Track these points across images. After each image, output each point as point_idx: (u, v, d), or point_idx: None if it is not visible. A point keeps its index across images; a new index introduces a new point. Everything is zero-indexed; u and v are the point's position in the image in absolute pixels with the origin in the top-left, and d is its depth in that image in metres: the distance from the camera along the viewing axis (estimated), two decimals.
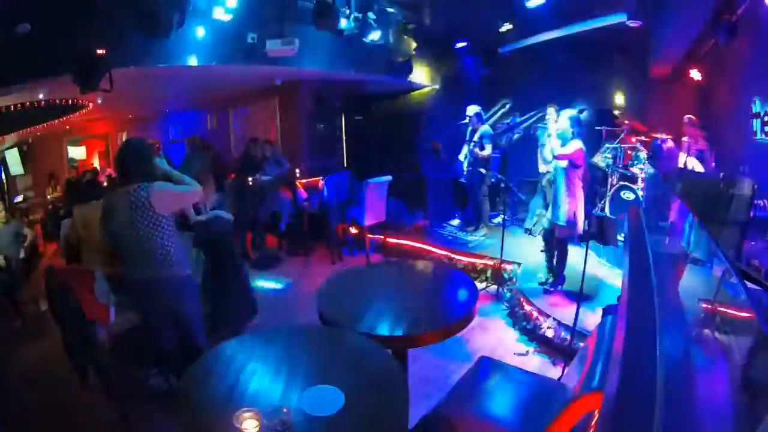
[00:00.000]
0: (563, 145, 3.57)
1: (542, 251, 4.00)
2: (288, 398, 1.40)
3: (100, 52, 3.69)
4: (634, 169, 4.62)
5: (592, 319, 3.06)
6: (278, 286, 4.73)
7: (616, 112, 5.34)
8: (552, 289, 3.81)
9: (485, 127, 5.30)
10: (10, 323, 3.97)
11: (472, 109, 5.28)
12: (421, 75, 6.87)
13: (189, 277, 2.45)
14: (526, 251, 4.78)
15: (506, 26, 5.58)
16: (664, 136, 4.55)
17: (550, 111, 4.90)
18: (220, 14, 4.29)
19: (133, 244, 2.26)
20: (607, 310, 1.90)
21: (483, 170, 5.20)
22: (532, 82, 6.20)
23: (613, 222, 2.61)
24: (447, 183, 6.36)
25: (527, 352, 3.28)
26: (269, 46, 4.65)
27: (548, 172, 4.76)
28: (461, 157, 5.45)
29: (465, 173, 5.43)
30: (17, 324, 3.94)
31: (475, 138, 5.19)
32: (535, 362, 3.14)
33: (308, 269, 5.32)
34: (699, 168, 3.59)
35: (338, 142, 7.87)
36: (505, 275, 4.29)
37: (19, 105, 5.93)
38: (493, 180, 5.44)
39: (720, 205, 2.97)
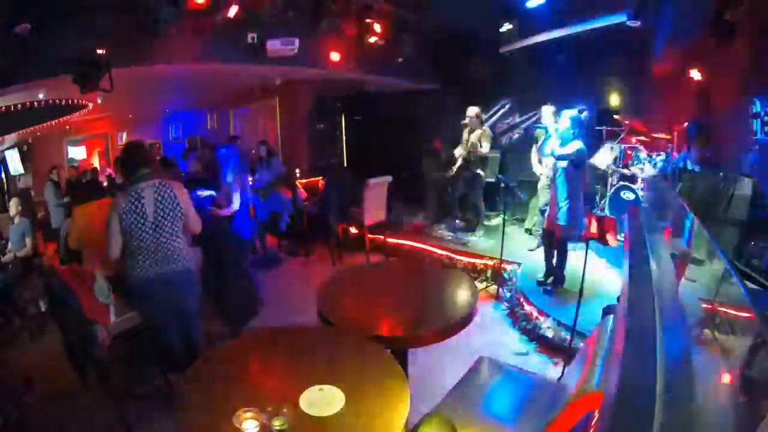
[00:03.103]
0: (563, 145, 3.57)
1: (531, 249, 3.96)
2: (288, 398, 1.40)
3: (100, 52, 3.69)
4: (634, 169, 4.62)
5: (592, 319, 3.06)
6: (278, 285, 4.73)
7: (616, 113, 5.34)
8: (552, 289, 3.81)
9: (486, 129, 5.29)
10: (9, 323, 3.97)
11: (472, 110, 5.27)
12: (421, 75, 6.88)
13: (196, 273, 2.58)
14: (526, 251, 4.78)
15: (506, 26, 5.58)
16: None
17: (547, 111, 4.46)
18: (220, 14, 4.30)
19: (153, 238, 2.38)
20: (607, 310, 1.90)
21: (480, 171, 5.22)
22: (532, 82, 6.20)
23: (614, 222, 2.60)
24: (447, 183, 6.35)
25: (527, 352, 3.28)
26: (269, 46, 4.65)
27: (542, 174, 4.75)
28: (456, 154, 5.42)
29: (454, 173, 5.40)
30: (16, 324, 3.94)
31: (473, 139, 5.17)
32: (535, 362, 3.13)
33: (308, 269, 5.32)
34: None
35: (338, 142, 7.87)
36: (505, 275, 4.29)
37: (19, 105, 5.93)
38: (491, 180, 5.45)
39: (720, 204, 2.97)
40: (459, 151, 5.34)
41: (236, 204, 4.38)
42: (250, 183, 5.37)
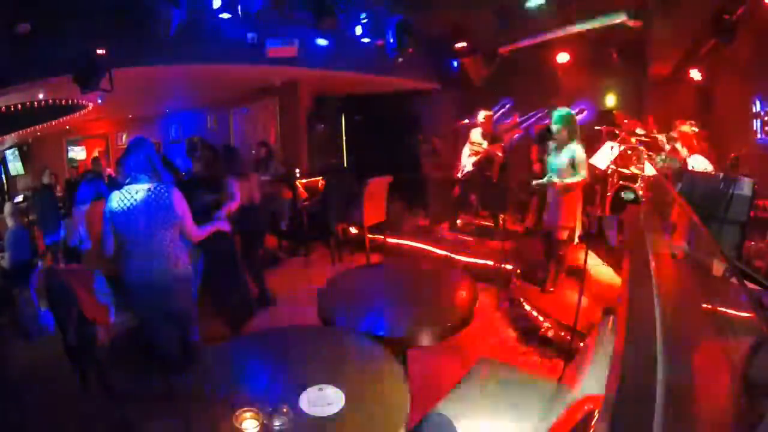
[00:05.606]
0: (558, 148, 3.58)
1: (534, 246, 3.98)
2: (288, 398, 1.40)
3: (100, 52, 3.69)
4: (634, 169, 4.61)
5: (592, 319, 3.06)
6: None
7: (616, 113, 5.34)
8: (552, 289, 3.81)
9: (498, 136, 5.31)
10: (8, 323, 3.96)
11: (484, 114, 5.26)
12: (421, 75, 6.87)
13: (190, 277, 2.50)
14: (526, 251, 4.78)
15: (507, 25, 5.53)
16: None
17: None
18: (219, 14, 4.30)
19: (145, 241, 2.33)
20: (607, 310, 1.90)
21: (488, 173, 5.23)
22: (532, 82, 6.20)
23: (613, 222, 2.60)
24: (447, 183, 6.36)
25: (527, 352, 3.28)
26: (269, 46, 4.65)
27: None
28: (464, 158, 5.42)
29: (464, 174, 5.41)
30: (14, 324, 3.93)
31: (486, 144, 5.18)
32: (535, 362, 3.13)
33: (308, 269, 5.32)
34: (710, 167, 3.63)
35: (338, 142, 7.87)
36: (505, 275, 4.29)
37: (19, 105, 5.93)
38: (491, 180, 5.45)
39: (720, 205, 2.96)
40: (468, 152, 5.32)
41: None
42: None
